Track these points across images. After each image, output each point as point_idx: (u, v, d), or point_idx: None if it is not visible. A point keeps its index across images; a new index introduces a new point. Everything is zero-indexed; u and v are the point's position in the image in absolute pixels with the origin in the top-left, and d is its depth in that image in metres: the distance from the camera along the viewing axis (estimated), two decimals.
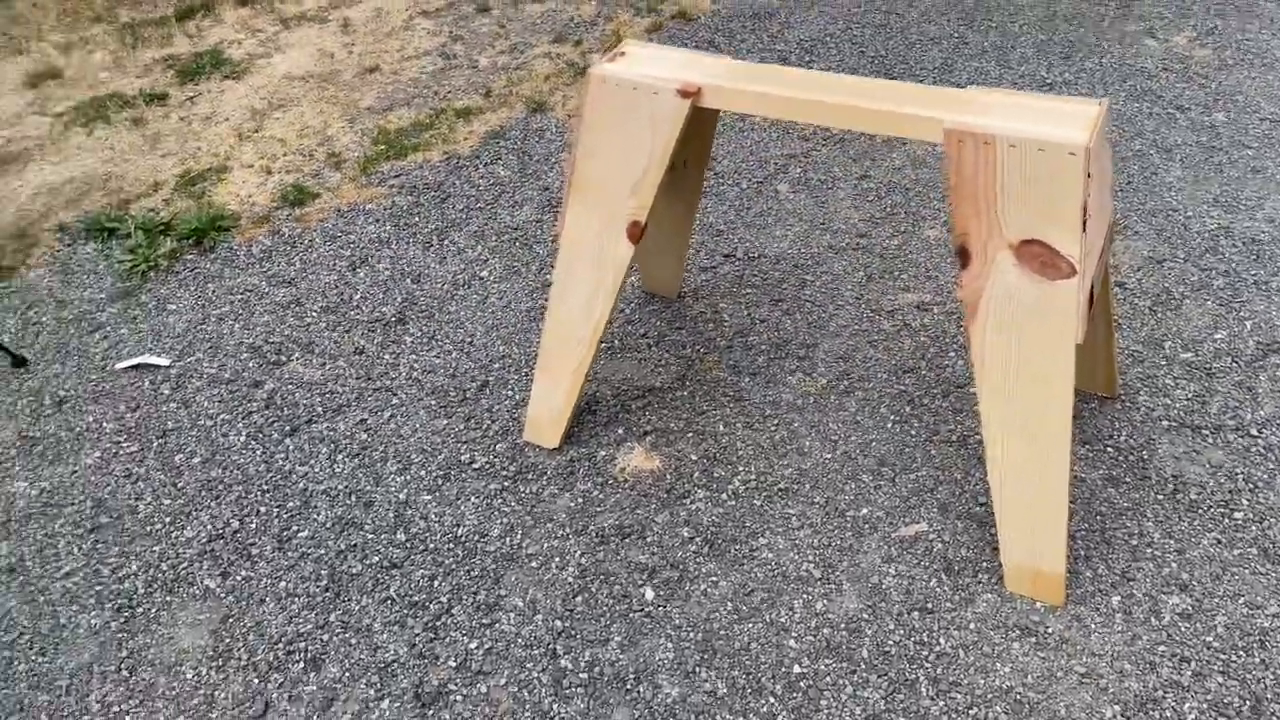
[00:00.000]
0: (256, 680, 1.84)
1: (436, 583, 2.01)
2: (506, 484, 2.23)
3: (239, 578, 2.04)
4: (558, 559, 2.04)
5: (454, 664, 1.85)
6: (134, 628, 1.95)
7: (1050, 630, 1.83)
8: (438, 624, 1.92)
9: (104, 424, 2.46)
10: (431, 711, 1.76)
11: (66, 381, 2.60)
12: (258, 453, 2.36)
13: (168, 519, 2.19)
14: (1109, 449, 2.16)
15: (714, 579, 1.98)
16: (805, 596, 1.93)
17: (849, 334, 2.57)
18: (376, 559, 2.07)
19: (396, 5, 4.64)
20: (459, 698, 1.78)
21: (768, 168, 3.25)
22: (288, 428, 2.42)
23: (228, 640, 1.92)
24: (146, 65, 4.24)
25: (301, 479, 2.28)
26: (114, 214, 3.23)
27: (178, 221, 3.17)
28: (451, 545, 2.09)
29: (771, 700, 1.75)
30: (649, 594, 1.96)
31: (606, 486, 2.20)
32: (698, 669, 1.81)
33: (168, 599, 2.01)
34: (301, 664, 1.86)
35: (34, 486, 2.29)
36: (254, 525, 2.16)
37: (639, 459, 2.26)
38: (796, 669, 1.80)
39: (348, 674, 1.84)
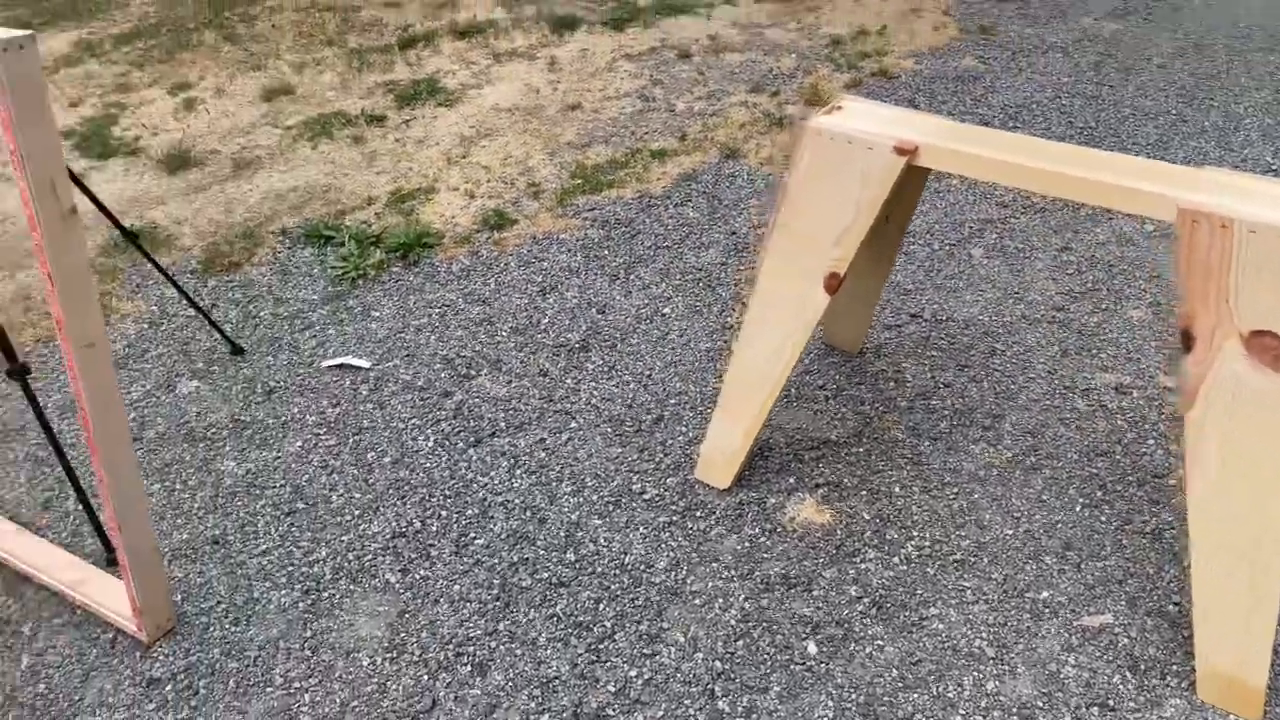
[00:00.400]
0: (426, 677, 1.91)
1: (601, 606, 2.04)
2: (675, 518, 2.26)
3: (417, 575, 2.14)
4: (721, 600, 2.04)
5: (613, 689, 1.87)
6: (319, 610, 2.07)
7: None
8: (600, 647, 1.95)
9: (307, 416, 2.63)
10: None
11: (277, 373, 2.80)
12: (443, 459, 2.47)
13: (357, 512, 2.32)
14: None
15: (880, 643, 1.93)
16: (976, 675, 1.86)
17: (1039, 409, 2.49)
18: (546, 575, 2.12)
19: (602, 48, 4.82)
20: None
21: (962, 231, 3.19)
22: (472, 438, 2.53)
23: (403, 635, 2.01)
24: (369, 88, 4.56)
25: (481, 489, 2.37)
26: (331, 223, 3.47)
27: (387, 235, 3.38)
28: (618, 572, 2.13)
29: None
30: (811, 648, 1.93)
31: (774, 534, 2.19)
32: None
33: (351, 587, 2.12)
34: (469, 667, 1.93)
35: (241, 466, 2.47)
36: (435, 528, 2.26)
37: (809, 510, 2.25)
38: None
39: (511, 683, 1.89)
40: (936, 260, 3.08)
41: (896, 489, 2.29)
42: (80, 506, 2.29)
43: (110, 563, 2.17)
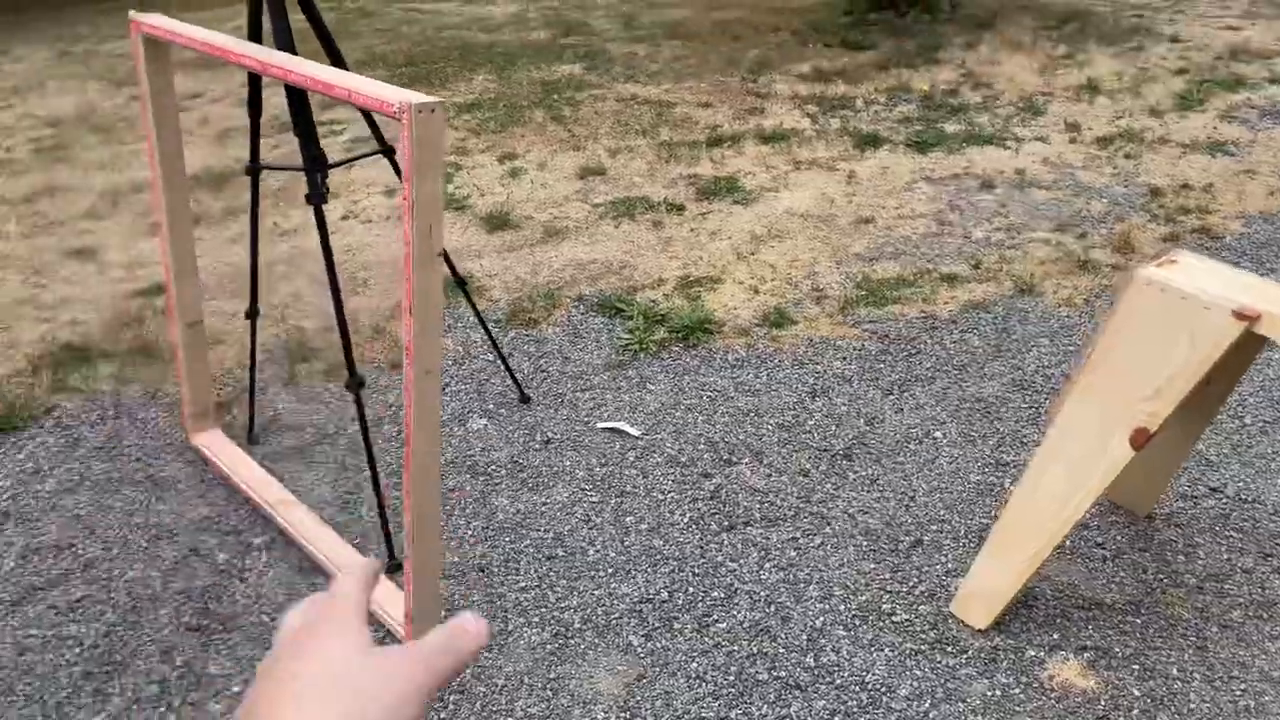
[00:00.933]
0: None
1: (836, 719, 2.00)
2: (923, 647, 2.18)
3: (659, 644, 2.19)
4: None
5: None
6: (563, 655, 2.16)
7: None
8: None
9: (577, 470, 2.78)
10: None
11: (556, 425, 2.98)
12: (695, 536, 2.53)
13: (610, 569, 2.41)
14: None
15: None
16: None
17: None
18: (783, 674, 2.11)
19: (902, 167, 4.88)
20: None
21: None
22: (726, 523, 2.58)
23: (638, 698, 2.05)
24: (673, 179, 4.84)
25: (729, 574, 2.40)
26: (623, 297, 3.69)
27: (672, 316, 3.55)
28: (857, 689, 2.08)
29: None
30: None
31: (1030, 689, 2.07)
32: None
33: (596, 640, 2.20)
34: None
35: (513, 505, 2.65)
36: (680, 601, 2.31)
37: (1072, 672, 2.11)
38: None
39: None
40: (1248, 434, 2.84)
41: (1174, 670, 2.10)
42: (375, 512, 2.53)
43: (390, 570, 2.37)
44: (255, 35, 2.27)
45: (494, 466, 2.81)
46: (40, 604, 2.35)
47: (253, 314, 2.74)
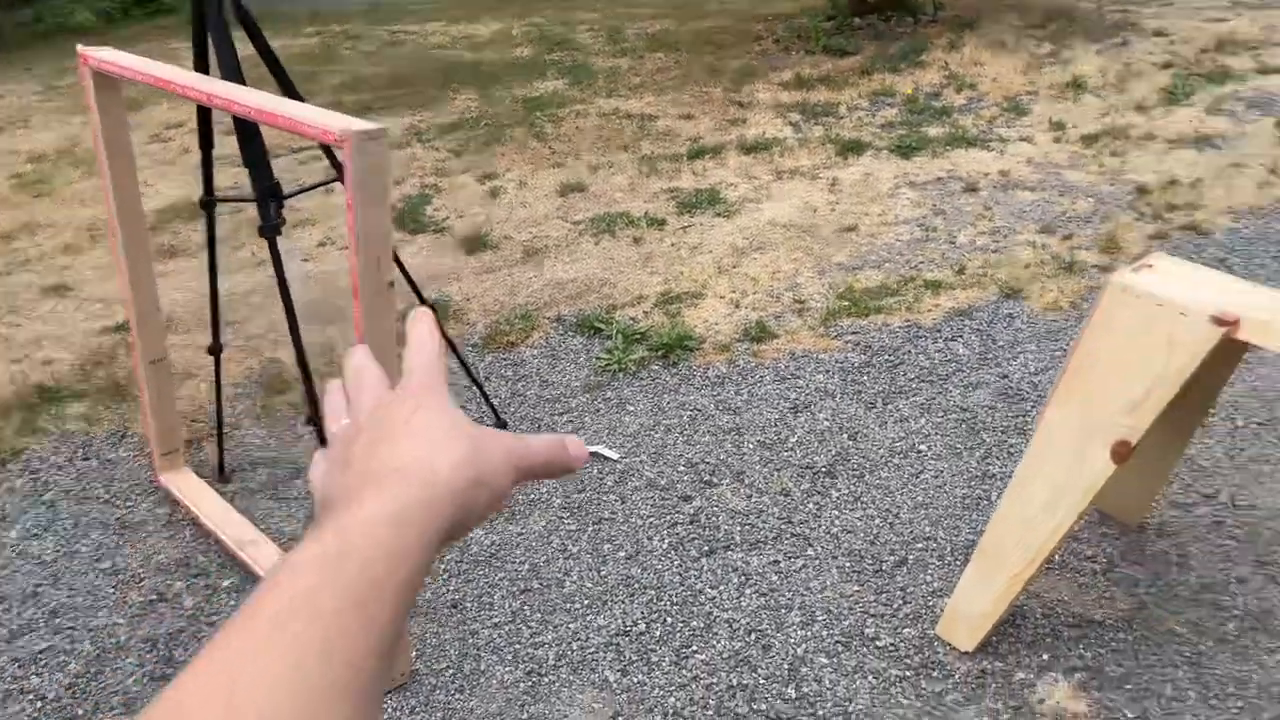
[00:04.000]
0: None
1: None
2: (908, 673, 2.11)
3: (635, 679, 2.12)
4: None
5: None
6: (537, 693, 2.10)
7: None
8: None
9: (554, 498, 2.72)
10: None
11: None
12: (674, 563, 2.46)
13: (586, 601, 2.35)
14: None
15: None
16: None
17: None
18: (764, 707, 2.04)
19: (885, 173, 4.82)
20: None
21: (1274, 410, 2.86)
22: (706, 548, 2.51)
23: None
24: (654, 193, 4.78)
25: (709, 602, 2.33)
26: (602, 316, 3.63)
27: (651, 334, 3.49)
28: (840, 719, 2.01)
29: None
30: None
31: (1020, 713, 2.00)
32: None
33: (570, 677, 2.14)
34: None
35: (488, 537, 2.58)
36: (658, 633, 2.25)
37: (1064, 695, 2.03)
38: None
39: None
40: (1240, 438, 2.77)
41: (1168, 689, 2.03)
42: None
43: None
44: (202, 66, 2.22)
45: None
46: (2, 657, 2.29)
47: (215, 350, 2.68)
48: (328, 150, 2.44)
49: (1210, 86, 5.45)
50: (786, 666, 2.14)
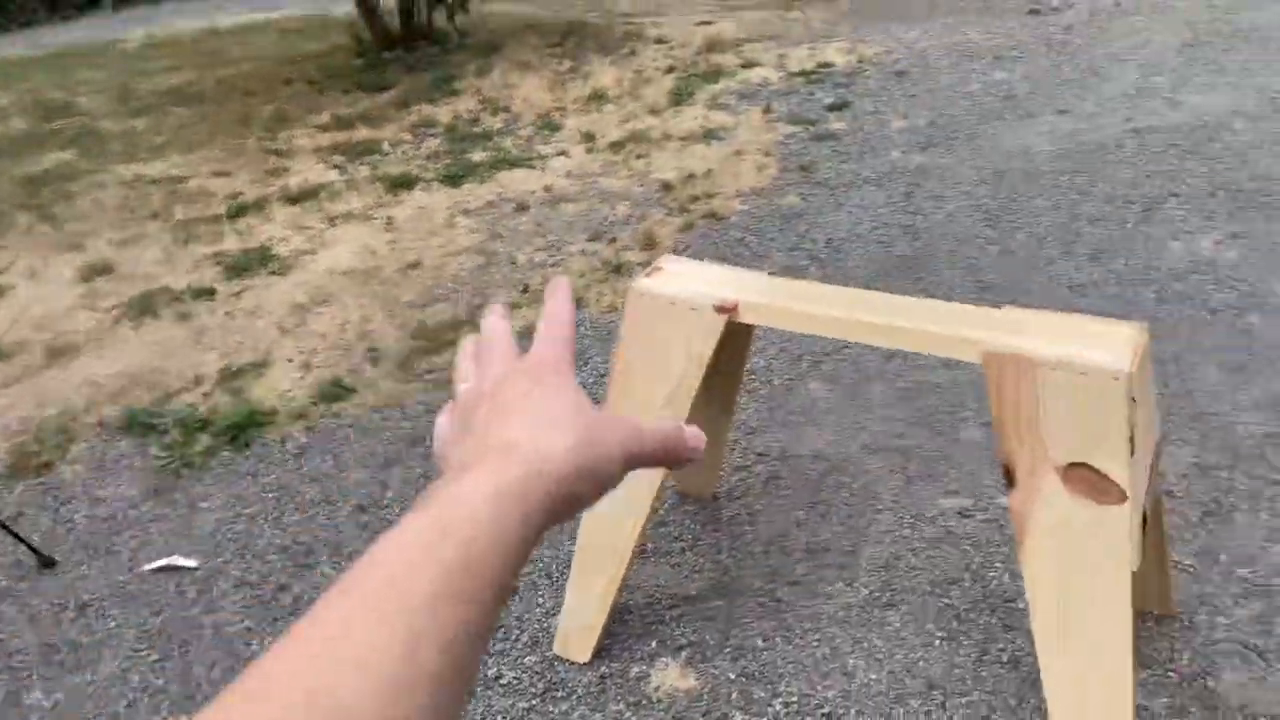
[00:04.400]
0: None
1: None
2: (534, 702, 2.13)
3: None
4: None
5: None
6: None
7: None
8: None
9: (126, 630, 2.40)
10: None
11: (92, 583, 2.56)
12: None
13: None
14: (1171, 674, 2.04)
15: None
16: None
17: (890, 540, 2.51)
18: None
19: (439, 204, 4.85)
20: None
21: (799, 365, 3.27)
22: None
23: None
24: (196, 261, 4.42)
25: None
26: (153, 409, 3.28)
27: (215, 417, 3.21)
28: None
29: None
30: None
31: (640, 707, 2.09)
32: None
33: None
34: None
35: (49, 698, 2.22)
36: None
37: (674, 676, 2.17)
38: None
39: None
40: (777, 396, 3.13)
41: (759, 642, 2.24)
42: None
43: None
44: None
45: (20, 656, 2.35)
46: None
47: None
48: None
49: (707, 85, 6.12)
50: None
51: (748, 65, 6.45)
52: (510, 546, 0.42)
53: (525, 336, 0.52)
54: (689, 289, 1.99)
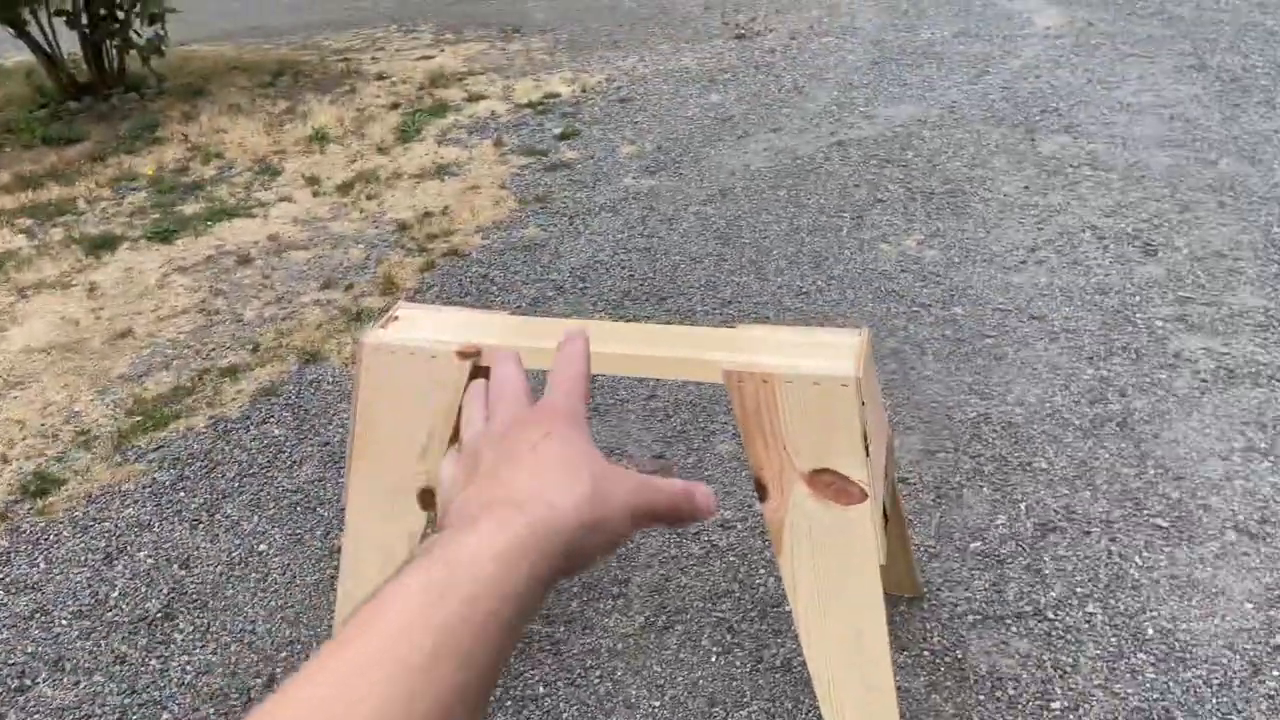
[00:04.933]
0: None
1: None
2: None
3: None
4: None
5: None
6: None
7: None
8: None
9: None
10: None
11: None
12: None
13: None
14: (925, 653, 2.18)
15: None
16: None
17: (659, 563, 2.52)
18: None
19: (149, 264, 4.45)
20: None
21: (617, 392, 3.25)
22: None
23: None
24: None
25: None
26: None
27: None
28: None
29: None
30: None
31: None
32: None
33: None
34: None
35: None
36: None
37: None
38: None
39: None
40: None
41: (541, 689, 2.18)
42: None
43: None
44: None
45: None
46: None
47: None
48: None
49: (435, 119, 6.02)
50: None
51: (474, 98, 6.41)
52: (516, 605, 0.42)
53: (263, 397, 0.45)
54: (428, 336, 1.91)
